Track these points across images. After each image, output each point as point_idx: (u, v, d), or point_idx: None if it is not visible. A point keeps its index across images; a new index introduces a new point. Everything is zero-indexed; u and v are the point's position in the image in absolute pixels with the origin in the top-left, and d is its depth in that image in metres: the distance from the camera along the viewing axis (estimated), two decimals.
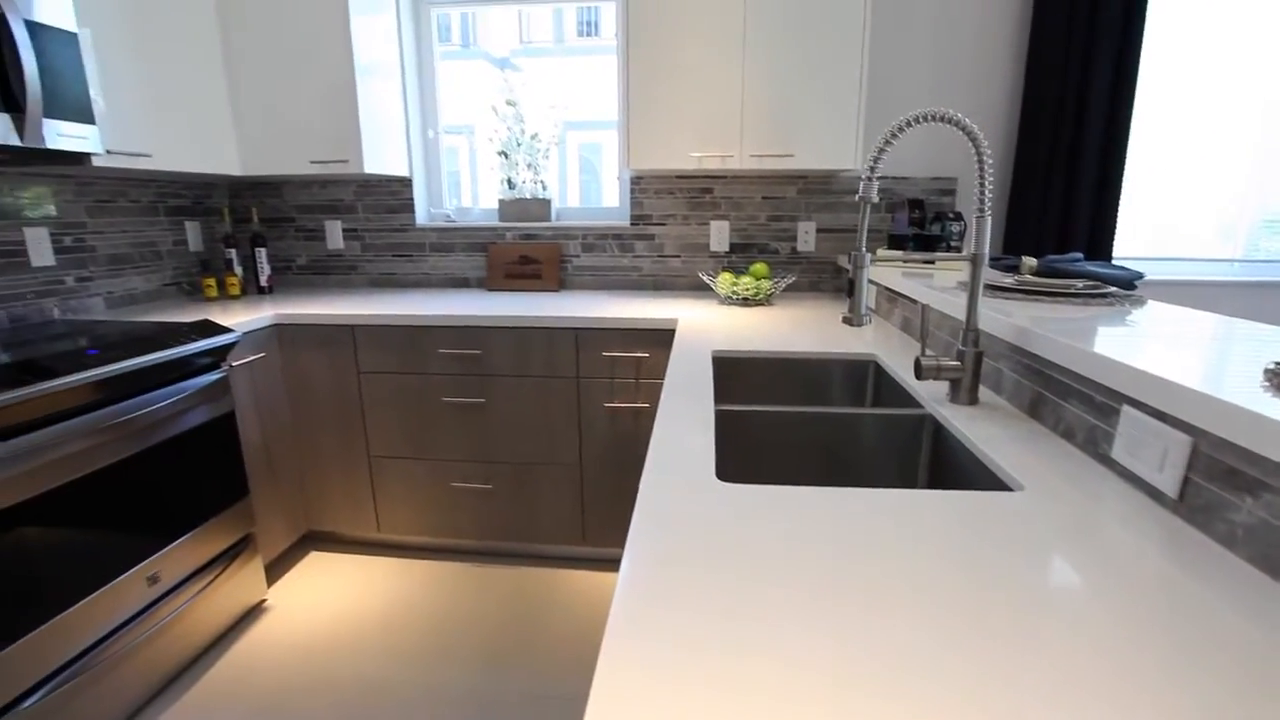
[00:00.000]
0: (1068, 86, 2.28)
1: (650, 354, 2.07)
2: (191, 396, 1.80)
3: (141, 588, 1.66)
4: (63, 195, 2.11)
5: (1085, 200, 2.34)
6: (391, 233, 2.76)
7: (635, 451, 2.16)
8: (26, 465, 1.38)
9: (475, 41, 2.94)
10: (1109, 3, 2.20)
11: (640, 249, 2.65)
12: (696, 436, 1.00)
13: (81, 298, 2.17)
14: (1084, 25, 2.24)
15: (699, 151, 2.19)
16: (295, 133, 2.35)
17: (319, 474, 2.35)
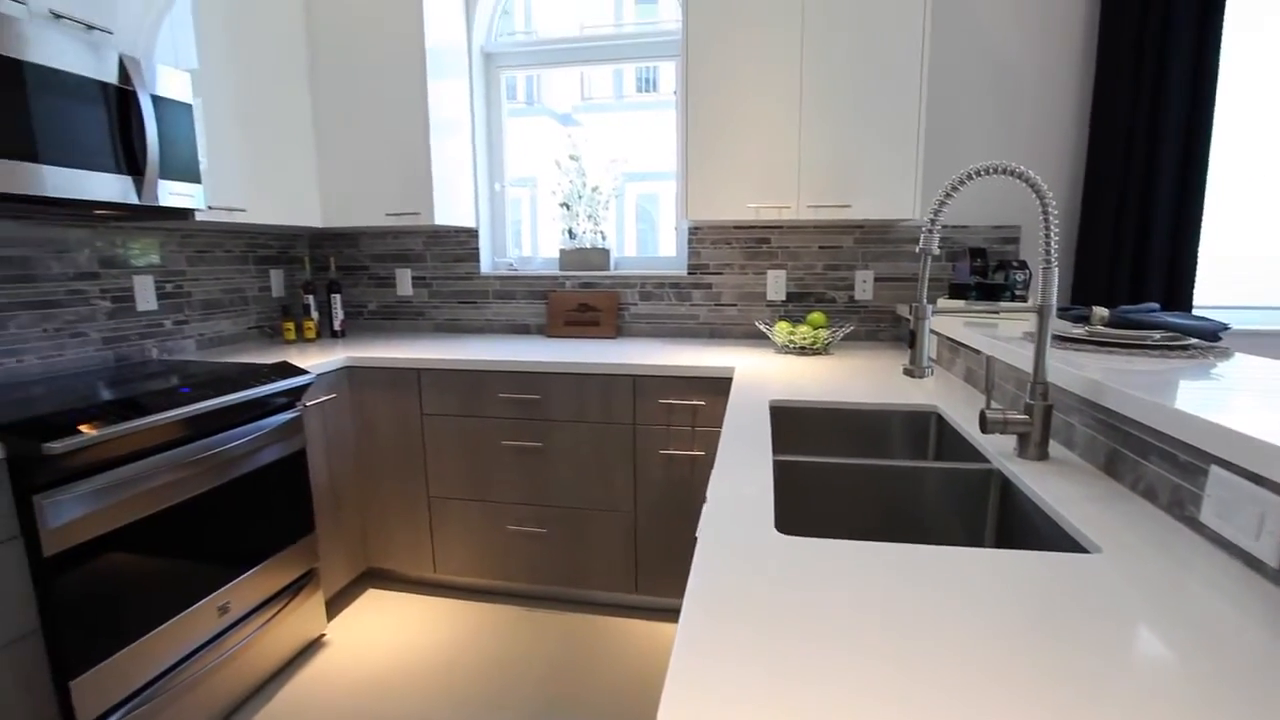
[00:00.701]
0: (1137, 122, 2.20)
1: (707, 402, 2.07)
2: (269, 434, 1.90)
3: (213, 617, 1.73)
4: (167, 246, 2.30)
5: (1160, 246, 2.25)
6: (457, 280, 2.88)
7: (690, 500, 2.14)
8: (123, 495, 1.48)
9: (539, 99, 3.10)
10: (1179, 35, 2.12)
11: (697, 297, 2.69)
12: (755, 487, 1.00)
13: (177, 339, 2.34)
14: (1154, 57, 2.15)
15: (756, 202, 2.23)
16: (373, 187, 2.51)
17: (380, 512, 2.42)
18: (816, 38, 2.11)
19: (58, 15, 1.59)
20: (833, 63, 2.11)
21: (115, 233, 2.11)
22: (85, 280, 2.02)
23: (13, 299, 1.84)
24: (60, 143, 1.54)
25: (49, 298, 1.93)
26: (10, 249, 1.83)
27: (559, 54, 2.77)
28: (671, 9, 2.74)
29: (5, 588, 1.29)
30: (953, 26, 2.36)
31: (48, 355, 1.93)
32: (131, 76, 1.69)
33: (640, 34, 2.70)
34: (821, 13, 2.09)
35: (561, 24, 2.85)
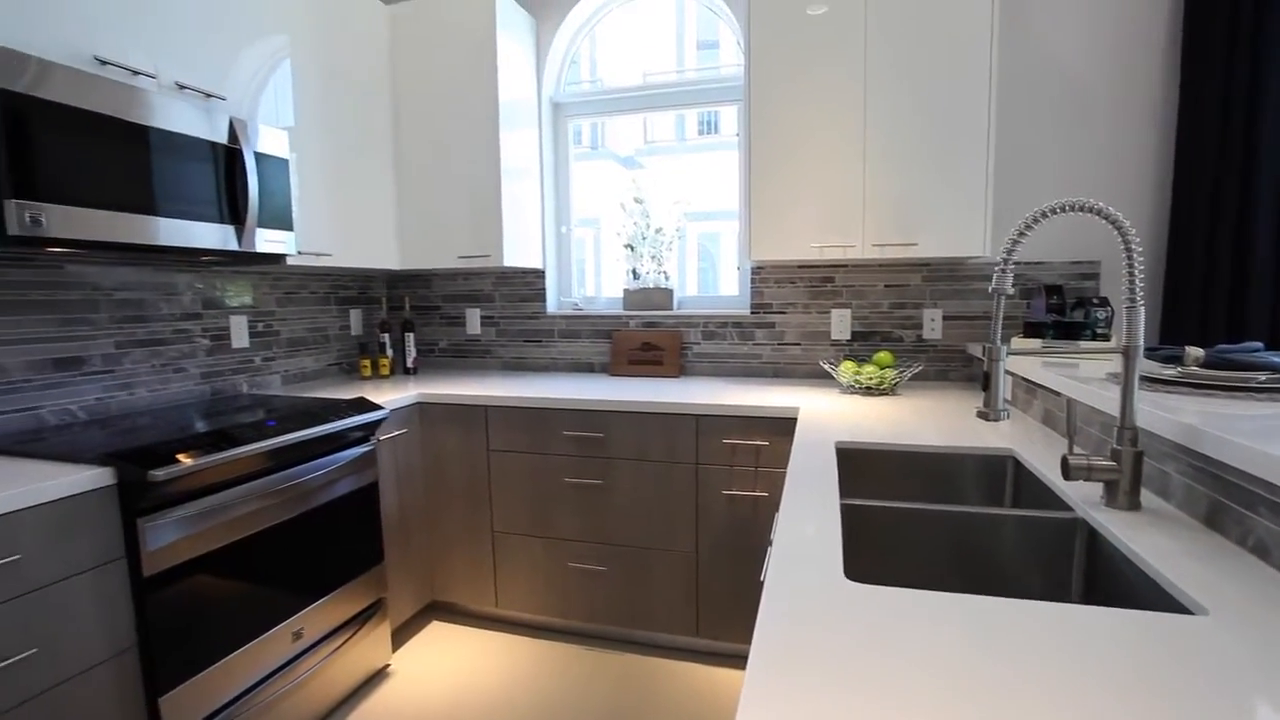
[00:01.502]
0: (1229, 144, 2.07)
1: (770, 442, 2.05)
2: (345, 466, 1.99)
3: (287, 642, 1.79)
4: (260, 288, 2.47)
5: (1261, 280, 2.10)
6: (524, 320, 2.97)
7: (753, 541, 2.10)
8: (212, 521, 1.57)
9: (603, 143, 3.20)
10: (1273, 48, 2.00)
11: (760, 336, 2.68)
12: (821, 531, 0.98)
13: (265, 374, 2.50)
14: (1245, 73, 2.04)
15: (820, 242, 2.23)
16: (446, 231, 2.64)
17: (445, 545, 2.47)
18: (879, 75, 2.11)
19: (182, 86, 1.78)
20: (896, 100, 2.11)
21: (216, 276, 2.29)
22: (189, 320, 2.20)
23: (129, 337, 2.01)
24: (174, 196, 1.69)
25: (158, 336, 2.10)
26: (128, 292, 2.01)
27: (624, 102, 2.87)
28: (732, 54, 2.81)
29: (109, 605, 1.38)
30: (1021, 56, 2.33)
31: (154, 388, 2.09)
32: (239, 136, 1.85)
33: (701, 81, 2.77)
34: (884, 51, 2.10)
35: (626, 72, 2.96)
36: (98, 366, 1.93)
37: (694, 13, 2.90)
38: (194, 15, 1.83)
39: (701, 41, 3.04)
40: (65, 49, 1.53)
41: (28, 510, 1.24)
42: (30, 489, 1.25)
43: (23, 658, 1.23)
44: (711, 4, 2.72)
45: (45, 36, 1.49)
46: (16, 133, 1.39)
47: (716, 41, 2.93)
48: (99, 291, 1.93)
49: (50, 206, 1.44)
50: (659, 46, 2.95)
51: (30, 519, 1.25)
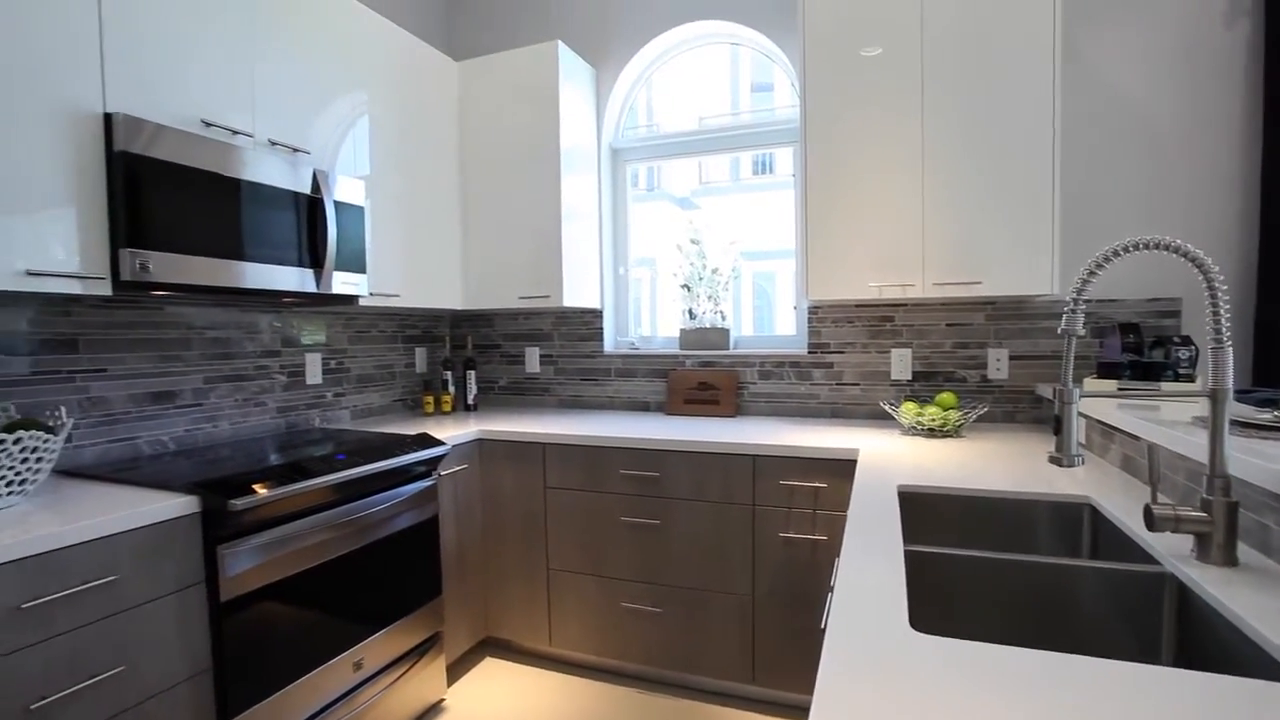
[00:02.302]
0: None
1: (829, 484, 2.01)
2: (407, 500, 2.04)
3: (348, 671, 1.83)
4: (333, 327, 2.61)
5: None
6: (581, 358, 3.02)
7: (812, 586, 2.05)
8: (283, 550, 1.64)
9: (659, 185, 3.27)
10: None
11: (818, 376, 2.64)
12: (885, 579, 0.95)
13: (335, 409, 2.61)
14: None
15: (879, 281, 2.20)
16: (508, 273, 2.74)
17: (501, 582, 2.49)
18: (937, 112, 2.11)
19: (274, 143, 1.93)
20: (955, 135, 2.09)
21: (294, 316, 2.43)
22: (269, 357, 2.33)
23: (216, 373, 2.15)
24: (261, 242, 1.82)
25: (241, 372, 2.23)
26: (217, 331, 2.15)
27: (680, 146, 2.94)
28: (786, 95, 2.85)
29: (189, 627, 1.45)
30: (1083, 88, 2.28)
31: (236, 421, 2.21)
32: (321, 187, 1.98)
33: (756, 124, 2.82)
34: (941, 87, 2.10)
35: (681, 116, 3.04)
36: (188, 400, 2.07)
37: (748, 57, 2.97)
38: (288, 78, 1.99)
39: (756, 84, 3.09)
40: (177, 114, 1.69)
41: (125, 534, 1.33)
42: (129, 514, 1.34)
43: (113, 674, 1.31)
44: (766, 49, 2.78)
45: (162, 105, 1.65)
46: (132, 188, 1.53)
47: (770, 84, 2.98)
48: (192, 330, 2.08)
49: (156, 254, 1.57)
50: (714, 89, 3.02)
51: (127, 542, 1.33)
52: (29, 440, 1.37)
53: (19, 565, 1.17)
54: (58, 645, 1.23)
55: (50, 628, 1.22)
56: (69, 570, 1.24)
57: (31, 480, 1.41)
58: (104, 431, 1.85)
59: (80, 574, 1.26)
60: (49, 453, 1.43)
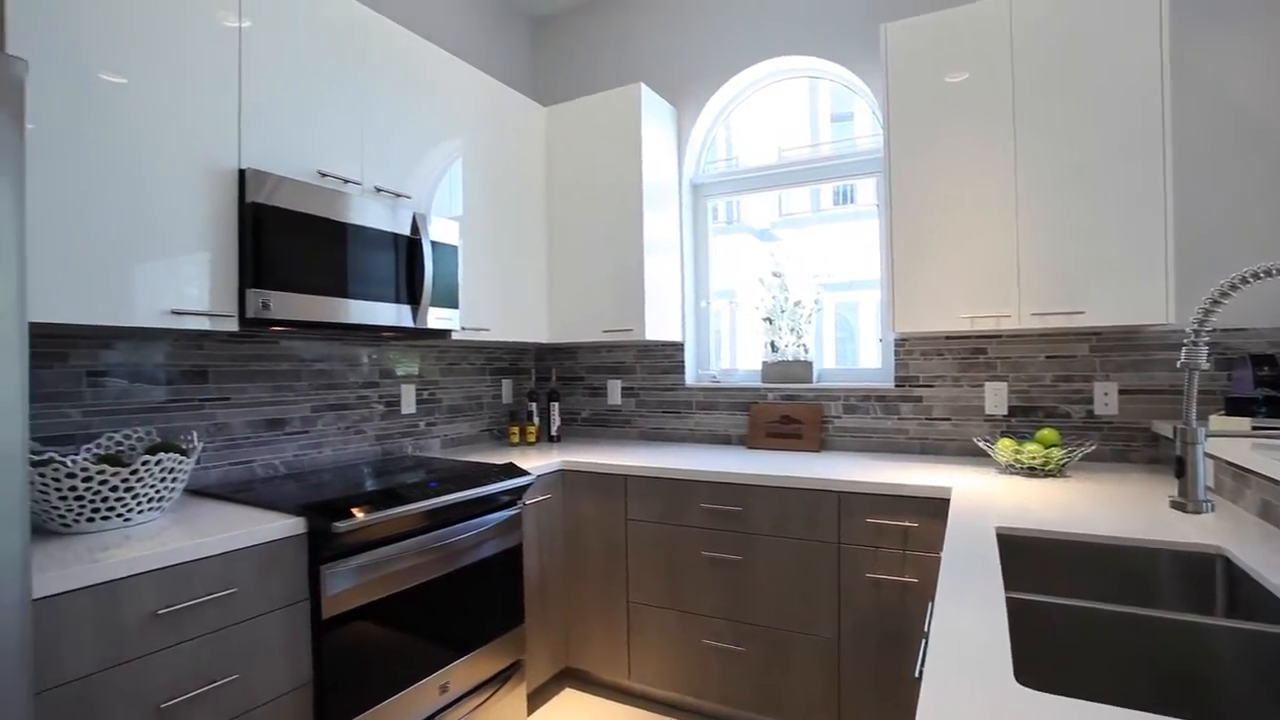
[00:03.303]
0: None
1: (920, 524, 1.92)
2: (493, 528, 2.11)
3: (434, 694, 1.88)
4: (427, 360, 2.75)
5: None
6: (663, 391, 3.05)
7: (902, 631, 1.95)
8: (378, 573, 1.72)
9: (739, 218, 3.28)
10: None
11: (906, 411, 2.55)
12: (986, 627, 0.90)
13: (427, 438, 2.74)
14: None
15: (970, 312, 2.12)
16: (592, 307, 2.81)
17: (581, 613, 2.51)
18: (1030, 134, 2.03)
19: (379, 189, 2.09)
20: (1051, 158, 2.01)
21: (391, 349, 2.58)
22: (368, 388, 2.48)
23: (322, 402, 2.30)
24: (365, 281, 1.96)
25: (344, 401, 2.39)
26: (323, 363, 2.32)
27: (760, 180, 2.96)
28: (867, 124, 2.82)
29: (294, 642, 1.54)
30: (1195, 105, 2.13)
31: (338, 447, 2.36)
32: (419, 228, 2.12)
33: (837, 156, 2.80)
34: (1035, 108, 2.02)
35: (761, 150, 3.06)
36: (297, 427, 2.23)
37: (827, 87, 2.96)
38: (392, 129, 2.16)
39: (835, 114, 3.08)
40: (297, 167, 1.87)
41: (242, 550, 1.44)
42: (246, 532, 1.45)
43: (229, 681, 1.41)
44: (846, 80, 2.77)
45: (285, 159, 1.83)
46: (258, 234, 1.70)
47: (850, 113, 2.96)
48: (302, 363, 2.25)
49: (276, 293, 1.72)
50: (793, 121, 3.03)
51: (243, 558, 1.44)
52: (167, 461, 1.51)
53: (156, 575, 1.29)
54: (185, 651, 1.33)
55: (180, 634, 1.33)
56: (195, 582, 1.36)
57: (168, 498, 1.56)
58: (226, 455, 2.02)
59: (204, 586, 1.37)
60: (183, 473, 1.58)
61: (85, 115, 1.44)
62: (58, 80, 1.39)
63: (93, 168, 1.45)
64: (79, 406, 1.70)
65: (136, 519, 1.50)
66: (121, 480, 1.43)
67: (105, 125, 1.47)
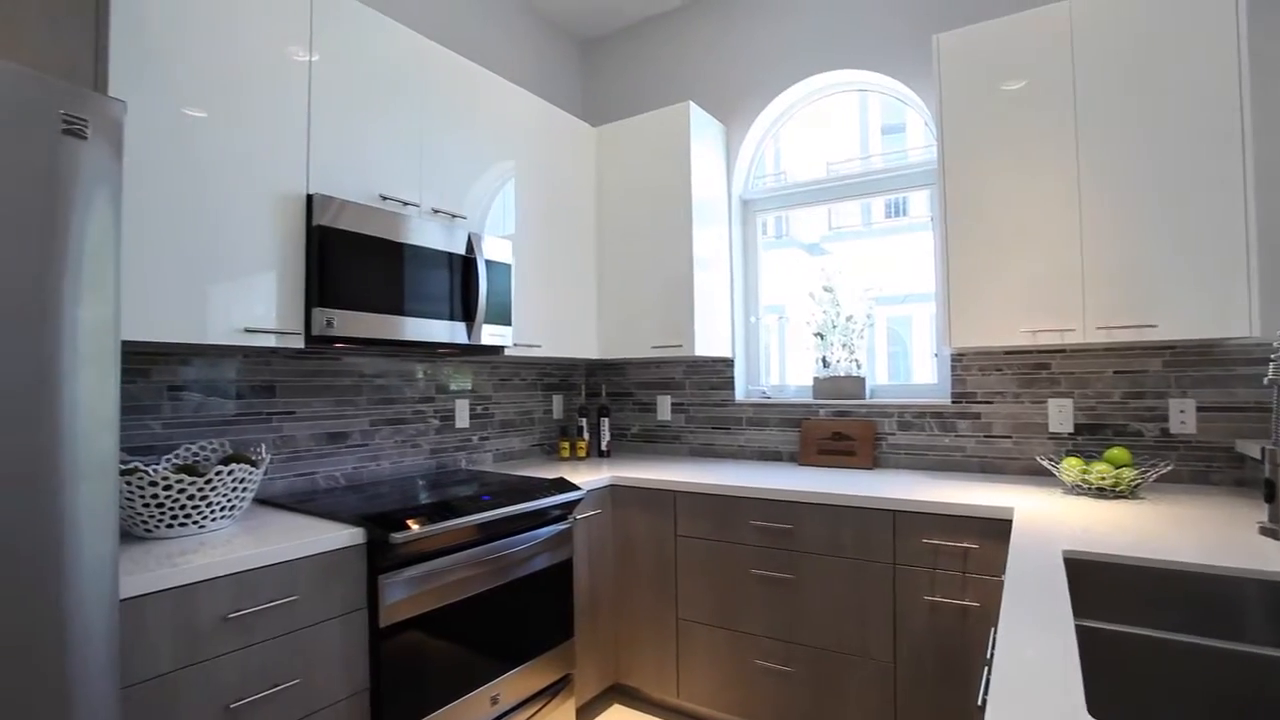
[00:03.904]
0: None
1: (980, 545, 1.85)
2: (544, 542, 2.13)
3: (485, 705, 1.90)
4: (480, 375, 2.81)
5: None
6: (712, 407, 3.04)
7: (962, 656, 1.87)
8: (432, 584, 1.76)
9: (788, 232, 3.26)
10: None
11: (963, 428, 2.47)
12: (1054, 655, 0.86)
13: (480, 452, 2.80)
14: None
15: (1031, 326, 2.05)
16: (641, 324, 2.83)
17: (630, 629, 2.50)
18: (1094, 141, 1.96)
19: (436, 210, 2.16)
20: (1117, 164, 1.93)
21: (445, 365, 2.65)
22: (424, 403, 2.55)
23: (380, 416, 2.38)
24: (422, 299, 2.03)
25: (401, 416, 2.46)
26: (382, 379, 2.40)
27: (810, 195, 2.93)
28: (919, 135, 2.77)
29: (352, 649, 1.59)
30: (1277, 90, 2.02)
31: (395, 460, 2.43)
32: (474, 248, 2.19)
33: (888, 169, 2.76)
34: (1099, 114, 1.95)
35: (810, 164, 3.04)
36: (357, 440, 2.31)
37: (877, 99, 2.93)
38: (448, 153, 2.24)
39: (886, 126, 3.04)
40: (360, 190, 1.95)
41: (305, 559, 1.50)
42: (309, 541, 1.51)
43: (292, 685, 1.46)
44: (897, 92, 2.73)
45: (348, 184, 1.92)
46: (323, 256, 1.78)
47: (902, 125, 2.92)
48: (362, 378, 2.33)
49: (339, 312, 1.80)
50: (842, 134, 3.01)
51: (306, 566, 1.50)
52: (239, 471, 1.59)
53: (228, 580, 1.36)
54: (252, 654, 1.39)
55: (247, 637, 1.38)
56: (262, 588, 1.42)
57: (239, 506, 1.63)
58: (291, 466, 2.11)
59: (270, 592, 1.43)
60: (252, 483, 1.65)
61: (170, 148, 1.54)
62: (147, 117, 1.50)
63: (175, 196, 1.55)
64: (160, 419, 1.80)
65: (210, 526, 1.57)
66: (198, 489, 1.52)
67: (187, 156, 1.57)
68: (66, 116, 1.06)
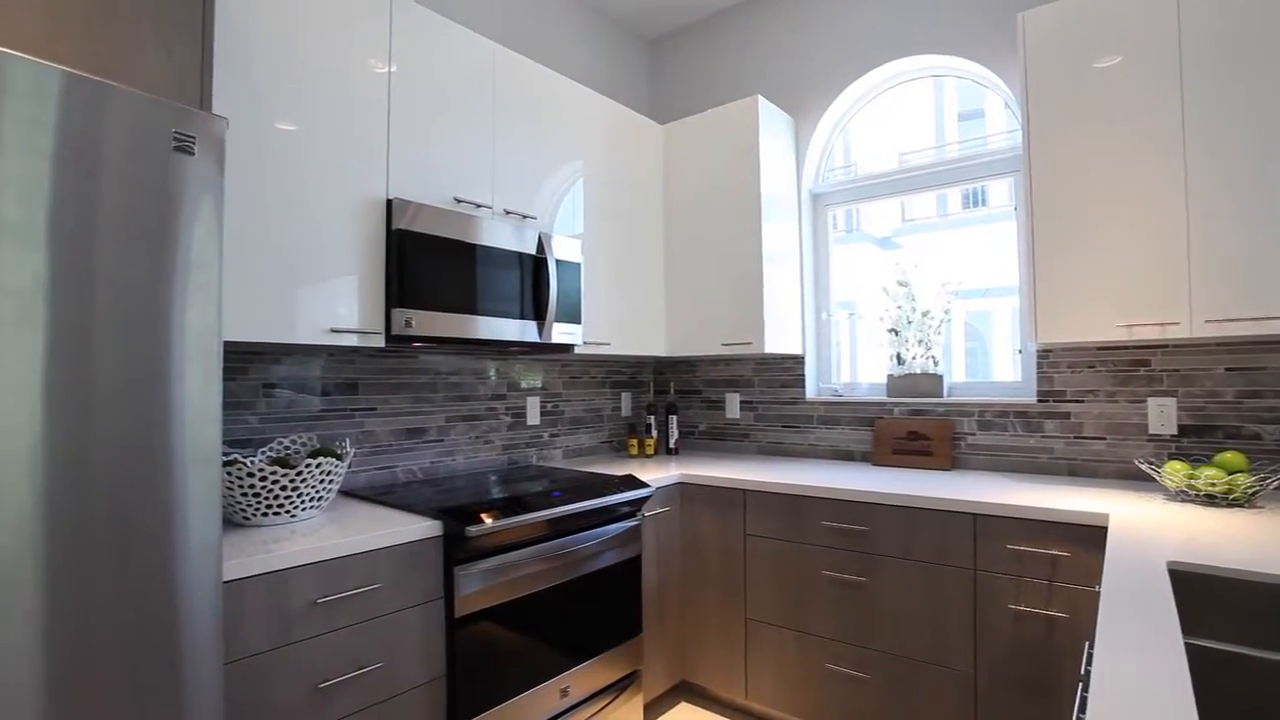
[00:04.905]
0: None
1: (1070, 553, 1.75)
2: (613, 539, 2.15)
3: (555, 697, 1.94)
4: (550, 373, 2.86)
5: None
6: (782, 405, 2.99)
7: (1050, 670, 1.77)
8: (504, 577, 1.81)
9: (859, 226, 3.17)
10: None
11: (1050, 428, 2.34)
12: (1160, 676, 0.80)
13: (550, 449, 2.85)
14: None
15: (1128, 320, 1.91)
16: (710, 321, 2.81)
17: (697, 627, 2.49)
18: (1206, 113, 1.80)
19: (508, 211, 2.22)
20: (1236, 140, 1.77)
21: (517, 363, 2.71)
22: (496, 400, 2.62)
23: (455, 413, 2.46)
24: (494, 298, 2.08)
25: (474, 412, 2.54)
26: (456, 376, 2.48)
27: (883, 187, 2.84)
28: (1000, 120, 2.63)
29: (429, 637, 1.65)
30: None
31: (469, 456, 2.51)
32: (545, 247, 2.23)
33: (966, 157, 2.63)
34: (1213, 84, 1.80)
35: (881, 156, 2.94)
36: (433, 436, 2.39)
37: (953, 85, 2.80)
38: (519, 155, 2.29)
39: (963, 112, 2.91)
40: (435, 195, 2.02)
41: (386, 549, 1.57)
42: (391, 532, 1.58)
43: (375, 668, 1.53)
44: (976, 75, 2.61)
45: (425, 189, 1.99)
46: (402, 258, 1.85)
47: (980, 110, 2.79)
48: (438, 376, 2.41)
49: (417, 312, 1.87)
50: (916, 123, 2.89)
51: (387, 556, 1.57)
52: (326, 464, 1.68)
53: (316, 567, 1.43)
54: (338, 637, 1.47)
55: (334, 622, 1.46)
56: (347, 575, 1.49)
57: (326, 497, 1.72)
58: (372, 460, 2.21)
59: (354, 580, 1.50)
60: (338, 476, 1.74)
61: (262, 160, 1.64)
62: (243, 131, 1.60)
63: (267, 205, 1.65)
64: (256, 414, 1.92)
65: (300, 515, 1.67)
66: (289, 480, 1.61)
67: (277, 167, 1.67)
68: (177, 134, 1.15)
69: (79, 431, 1.03)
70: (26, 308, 0.98)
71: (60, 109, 1.02)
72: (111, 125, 1.07)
